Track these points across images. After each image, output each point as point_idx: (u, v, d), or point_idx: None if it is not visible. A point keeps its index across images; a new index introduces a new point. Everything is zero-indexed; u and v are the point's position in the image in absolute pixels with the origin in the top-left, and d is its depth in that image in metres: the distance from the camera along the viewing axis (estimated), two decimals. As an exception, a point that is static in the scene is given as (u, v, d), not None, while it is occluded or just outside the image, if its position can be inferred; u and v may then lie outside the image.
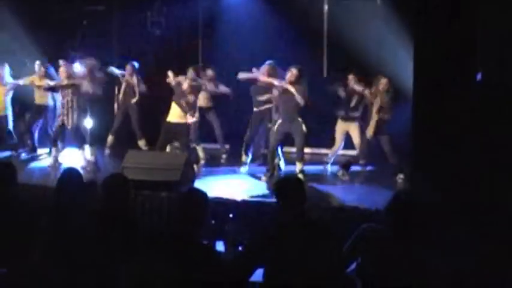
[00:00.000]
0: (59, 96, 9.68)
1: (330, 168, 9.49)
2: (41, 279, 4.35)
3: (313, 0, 11.01)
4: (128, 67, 10.53)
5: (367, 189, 8.40)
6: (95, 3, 12.01)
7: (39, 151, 10.44)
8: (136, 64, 10.55)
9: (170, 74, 9.36)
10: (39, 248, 4.49)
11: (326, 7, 11.14)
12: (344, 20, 10.45)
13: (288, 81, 8.48)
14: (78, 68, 10.40)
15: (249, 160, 9.39)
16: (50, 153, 9.88)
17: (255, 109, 9.48)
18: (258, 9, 10.98)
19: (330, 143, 9.64)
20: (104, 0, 12.03)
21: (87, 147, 9.44)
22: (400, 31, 9.31)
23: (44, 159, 10.07)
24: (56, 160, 9.42)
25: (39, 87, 10.22)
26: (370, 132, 8.70)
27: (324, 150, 10.28)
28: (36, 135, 10.54)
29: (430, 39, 5.65)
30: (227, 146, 10.34)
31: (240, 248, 4.89)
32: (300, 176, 8.17)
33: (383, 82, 8.70)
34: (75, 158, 9.52)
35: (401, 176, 8.55)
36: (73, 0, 11.87)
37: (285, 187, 4.25)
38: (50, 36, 11.47)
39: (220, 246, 5.01)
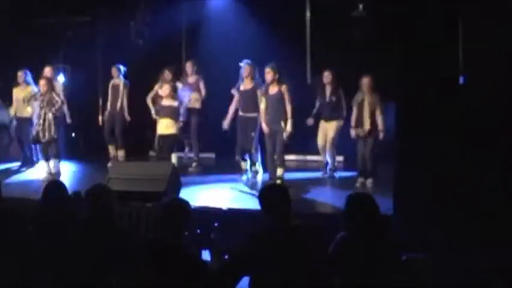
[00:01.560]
0: (35, 108, 9.67)
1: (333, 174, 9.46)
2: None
3: (295, 7, 11.03)
4: (113, 69, 10.57)
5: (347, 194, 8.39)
6: (79, 14, 12.01)
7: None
8: (121, 67, 10.58)
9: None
10: (26, 260, 4.49)
11: (308, 13, 11.18)
12: (326, 26, 10.53)
13: (270, 83, 8.53)
14: (62, 79, 10.41)
15: (248, 166, 9.29)
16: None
17: (240, 113, 9.28)
18: (242, 17, 11.02)
19: (315, 149, 9.67)
20: (88, 11, 12.02)
21: (52, 160, 9.50)
22: (383, 36, 9.36)
23: (27, 171, 10.03)
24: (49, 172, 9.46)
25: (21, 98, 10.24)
26: (366, 127, 8.63)
27: (309, 157, 10.30)
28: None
29: (414, 43, 5.72)
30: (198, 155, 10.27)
31: (225, 257, 4.90)
32: (278, 181, 8.20)
33: (365, 81, 8.72)
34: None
35: (370, 181, 8.61)
36: (58, 11, 11.87)
37: (269, 195, 4.26)
38: (34, 47, 11.47)
39: (206, 255, 5.02)
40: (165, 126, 9.25)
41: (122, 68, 10.56)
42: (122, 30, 11.64)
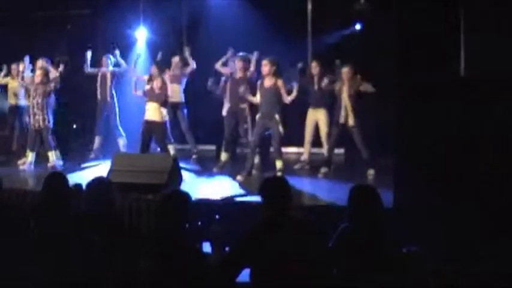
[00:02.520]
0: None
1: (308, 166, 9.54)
2: (26, 282, 4.35)
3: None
4: (103, 59, 10.63)
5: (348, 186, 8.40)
6: (79, 7, 11.99)
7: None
8: (111, 57, 10.65)
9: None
10: (26, 251, 4.49)
11: (310, 6, 11.16)
12: (328, 19, 10.52)
13: (265, 75, 8.53)
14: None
15: (226, 159, 9.23)
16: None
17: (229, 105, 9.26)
18: (242, 10, 10.98)
19: (315, 141, 9.69)
20: (89, 4, 12.00)
21: (50, 152, 9.46)
22: (383, 29, 9.36)
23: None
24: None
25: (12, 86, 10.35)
26: (351, 121, 8.69)
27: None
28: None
29: (413, 35, 5.70)
30: (199, 147, 10.33)
31: (226, 249, 4.90)
32: (279, 174, 8.19)
33: (345, 71, 8.81)
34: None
35: (371, 172, 8.60)
36: (58, 4, 11.85)
37: (270, 186, 4.26)
38: (34, 40, 11.46)
39: (207, 247, 5.01)
40: (153, 109, 9.12)
41: (112, 58, 10.63)
42: (122, 22, 11.65)
